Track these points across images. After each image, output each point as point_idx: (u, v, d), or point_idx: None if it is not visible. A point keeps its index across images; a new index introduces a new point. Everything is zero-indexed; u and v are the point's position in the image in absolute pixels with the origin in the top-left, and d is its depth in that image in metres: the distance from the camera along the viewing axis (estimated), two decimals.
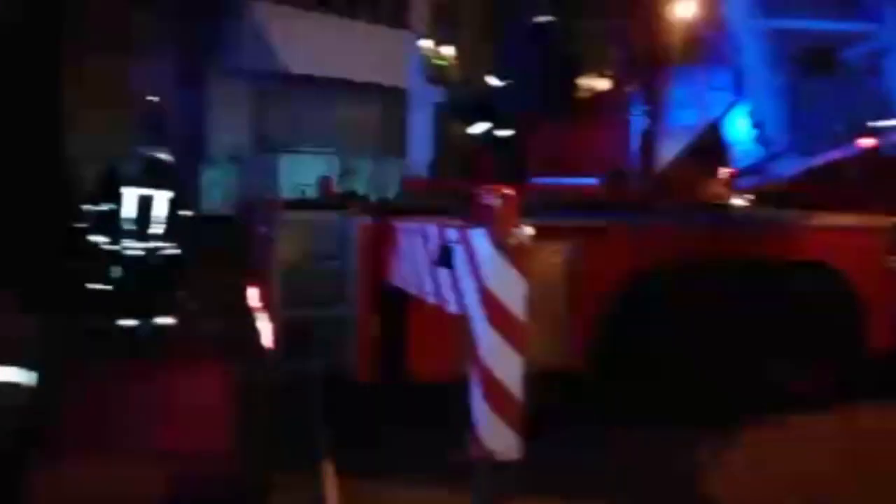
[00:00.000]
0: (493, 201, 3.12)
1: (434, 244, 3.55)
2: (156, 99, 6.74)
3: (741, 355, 5.12)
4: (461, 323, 3.25)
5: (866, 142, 4.22)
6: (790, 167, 4.33)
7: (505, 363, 3.07)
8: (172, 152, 5.87)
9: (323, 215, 4.68)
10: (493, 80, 5.12)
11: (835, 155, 4.24)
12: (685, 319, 4.88)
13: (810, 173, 4.64)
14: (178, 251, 5.75)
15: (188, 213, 5.88)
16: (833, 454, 4.55)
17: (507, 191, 3.15)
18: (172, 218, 5.73)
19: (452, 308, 3.37)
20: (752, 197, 5.85)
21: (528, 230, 4.12)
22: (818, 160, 4.24)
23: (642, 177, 5.08)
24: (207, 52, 9.82)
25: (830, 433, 4.94)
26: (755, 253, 5.09)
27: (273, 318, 4.45)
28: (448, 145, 4.91)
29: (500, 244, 3.03)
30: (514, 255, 3.04)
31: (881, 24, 4.13)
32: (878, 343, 5.58)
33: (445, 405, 3.38)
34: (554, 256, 4.46)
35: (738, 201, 5.88)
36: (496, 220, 3.08)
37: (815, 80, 4.24)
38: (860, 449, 4.62)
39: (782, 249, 5.20)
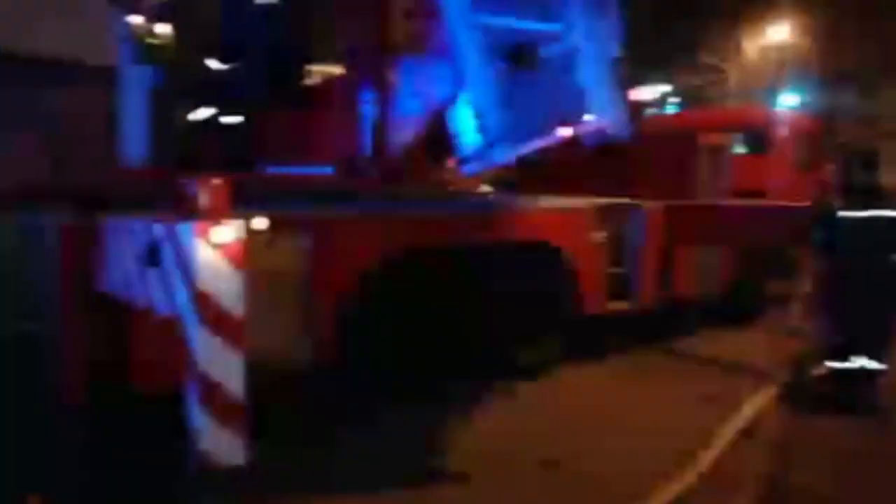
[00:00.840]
0: (201, 193, 2.91)
1: (141, 242, 3.22)
2: None
3: (477, 331, 5.50)
4: (176, 325, 3.00)
5: (565, 131, 4.75)
6: (505, 154, 4.72)
7: (222, 365, 2.89)
8: None
9: (11, 216, 4.01)
10: (215, 63, 4.79)
11: (540, 143, 4.73)
12: (424, 303, 5.09)
13: (521, 160, 5.12)
14: None
15: None
16: (560, 412, 5.11)
17: (216, 181, 2.95)
18: None
19: (163, 310, 3.09)
20: (482, 183, 6.29)
21: (260, 221, 3.96)
22: (527, 148, 4.68)
23: (376, 166, 5.16)
24: None
25: (553, 394, 5.54)
26: (487, 236, 5.48)
27: None
28: (166, 132, 4.50)
29: (209, 239, 2.84)
30: (226, 249, 2.87)
31: (569, 27, 4.67)
32: (589, 309, 6.39)
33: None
34: (290, 248, 4.34)
35: (474, 188, 6.28)
36: (203, 212, 2.88)
37: (525, 74, 4.64)
38: (582, 406, 5.25)
39: (511, 232, 5.66)
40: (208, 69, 4.78)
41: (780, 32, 24.23)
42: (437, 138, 4.95)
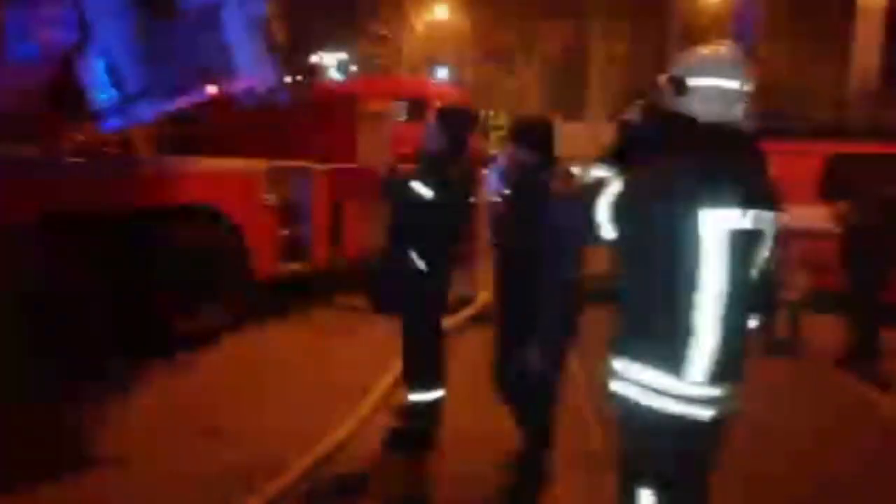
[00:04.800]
0: None
1: None
2: None
3: (133, 304, 5.06)
4: None
5: (212, 89, 4.54)
6: (148, 111, 4.33)
7: None
8: None
9: None
10: None
11: (186, 101, 4.44)
12: (65, 280, 4.51)
13: (169, 117, 4.77)
14: None
15: None
16: (226, 379, 4.95)
17: None
18: None
19: None
20: (134, 143, 5.72)
21: None
22: (172, 105, 4.36)
23: None
24: None
25: (219, 362, 5.36)
26: (138, 201, 5.00)
27: None
28: None
29: None
30: None
31: None
32: (262, 273, 6.33)
33: None
34: None
35: (123, 148, 5.64)
36: None
37: (163, 24, 4.29)
38: (248, 370, 5.16)
39: (166, 195, 5.25)
40: None
41: (442, 11, 26.53)
42: (64, 90, 4.31)
